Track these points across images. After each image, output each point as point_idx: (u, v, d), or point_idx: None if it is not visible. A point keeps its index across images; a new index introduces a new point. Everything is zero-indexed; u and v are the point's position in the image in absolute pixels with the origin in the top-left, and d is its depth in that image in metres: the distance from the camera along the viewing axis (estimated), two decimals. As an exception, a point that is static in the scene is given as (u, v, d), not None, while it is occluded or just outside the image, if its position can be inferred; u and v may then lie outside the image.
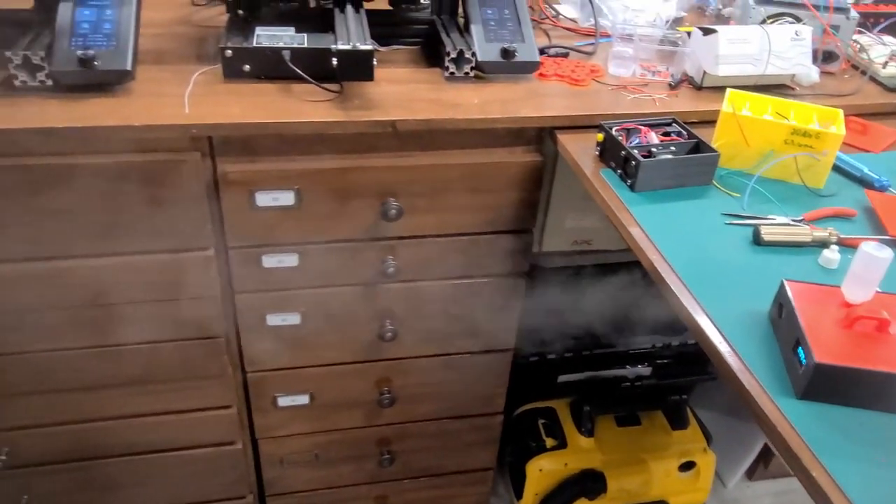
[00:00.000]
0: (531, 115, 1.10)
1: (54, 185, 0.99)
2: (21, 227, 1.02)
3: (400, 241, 1.17)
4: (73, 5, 1.05)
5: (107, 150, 0.99)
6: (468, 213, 1.17)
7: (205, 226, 1.08)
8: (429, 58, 1.25)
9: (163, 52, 1.18)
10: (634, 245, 0.88)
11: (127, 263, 1.08)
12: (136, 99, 1.02)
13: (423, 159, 1.11)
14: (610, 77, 1.25)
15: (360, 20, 1.14)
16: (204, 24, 1.33)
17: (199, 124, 0.98)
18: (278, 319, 1.20)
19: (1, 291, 1.06)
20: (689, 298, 0.79)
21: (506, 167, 1.14)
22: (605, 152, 1.04)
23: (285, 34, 1.14)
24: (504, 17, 1.23)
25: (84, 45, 1.01)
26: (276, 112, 1.03)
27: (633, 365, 1.64)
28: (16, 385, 1.17)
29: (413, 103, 1.09)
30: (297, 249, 1.14)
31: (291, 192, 1.08)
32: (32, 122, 0.95)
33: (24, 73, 1.00)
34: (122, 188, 1.01)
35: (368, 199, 1.11)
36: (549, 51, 1.31)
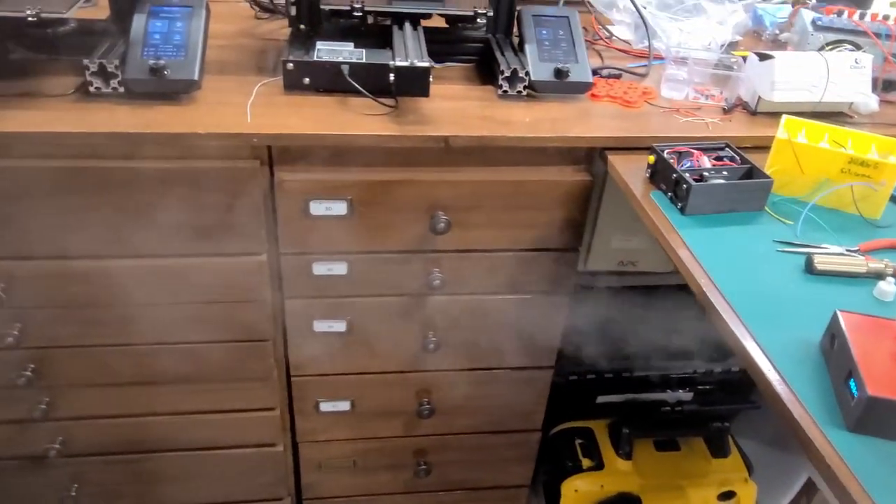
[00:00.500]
0: (582, 135, 1.11)
1: (122, 187, 1.04)
2: (89, 227, 1.07)
3: (447, 254, 1.19)
4: (146, 17, 1.10)
5: (172, 155, 1.03)
6: (515, 229, 1.18)
7: (259, 232, 1.11)
8: (482, 75, 1.27)
9: (227, 62, 1.23)
10: (683, 268, 0.88)
11: (185, 265, 1.12)
12: (201, 107, 1.07)
13: (474, 175, 1.13)
14: (662, 99, 1.25)
15: (417, 37, 1.17)
16: (266, 36, 1.37)
17: (260, 134, 1.02)
18: (325, 326, 1.23)
19: (68, 287, 1.11)
20: (737, 324, 0.78)
21: (555, 185, 1.15)
22: (655, 174, 1.04)
23: (344, 49, 1.17)
24: (558, 37, 1.24)
25: (155, 54, 1.06)
26: (334, 124, 1.06)
27: (674, 390, 1.62)
28: (75, 377, 1.22)
29: (466, 120, 1.11)
30: (347, 258, 1.17)
31: (344, 202, 1.10)
32: (104, 126, 1.00)
33: (99, 80, 1.05)
34: (185, 193, 1.05)
35: (418, 212, 1.14)
36: (602, 72, 1.32)
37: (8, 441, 1.28)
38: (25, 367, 1.18)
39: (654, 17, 1.47)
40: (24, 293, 1.11)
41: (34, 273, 1.09)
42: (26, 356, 1.18)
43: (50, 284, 1.11)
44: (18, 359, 1.18)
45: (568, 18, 1.26)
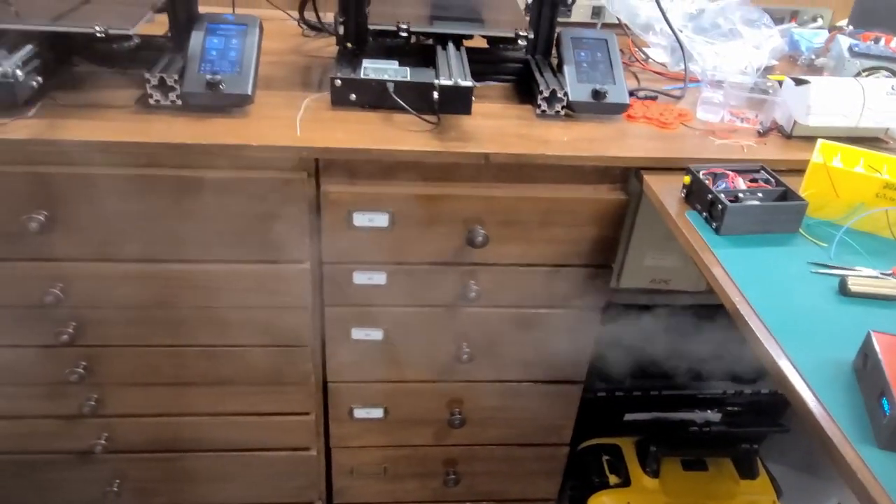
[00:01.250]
0: (618, 155, 1.13)
1: (175, 195, 1.09)
2: (143, 232, 1.12)
3: (483, 267, 1.22)
4: (203, 34, 1.16)
5: (224, 165, 1.08)
6: (551, 244, 1.21)
7: (304, 240, 1.15)
8: (521, 95, 1.31)
9: (276, 78, 1.28)
10: (717, 286, 0.90)
11: (231, 271, 1.17)
12: (253, 121, 1.12)
13: (512, 191, 1.16)
14: (698, 122, 1.27)
15: (460, 57, 1.21)
16: (312, 54, 1.43)
17: (308, 147, 1.07)
18: (362, 334, 1.27)
19: (121, 288, 1.17)
20: (771, 343, 0.80)
21: (590, 203, 1.18)
22: (690, 195, 1.06)
23: (390, 67, 1.22)
24: (596, 59, 1.28)
25: (212, 70, 1.12)
26: (378, 139, 1.10)
27: (703, 410, 1.63)
28: (123, 375, 1.27)
29: (505, 137, 1.14)
30: (387, 269, 1.20)
31: (386, 214, 1.14)
32: (163, 136, 1.05)
33: (159, 93, 1.11)
34: (235, 201, 1.10)
35: (457, 226, 1.17)
36: (639, 93, 1.34)
37: (57, 435, 1.34)
38: (78, 364, 1.24)
39: (690, 40, 1.50)
40: (80, 293, 1.16)
41: (91, 274, 1.15)
42: (79, 354, 1.23)
43: (105, 286, 1.16)
44: (72, 356, 1.23)
45: (606, 41, 1.30)
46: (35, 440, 1.35)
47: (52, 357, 1.23)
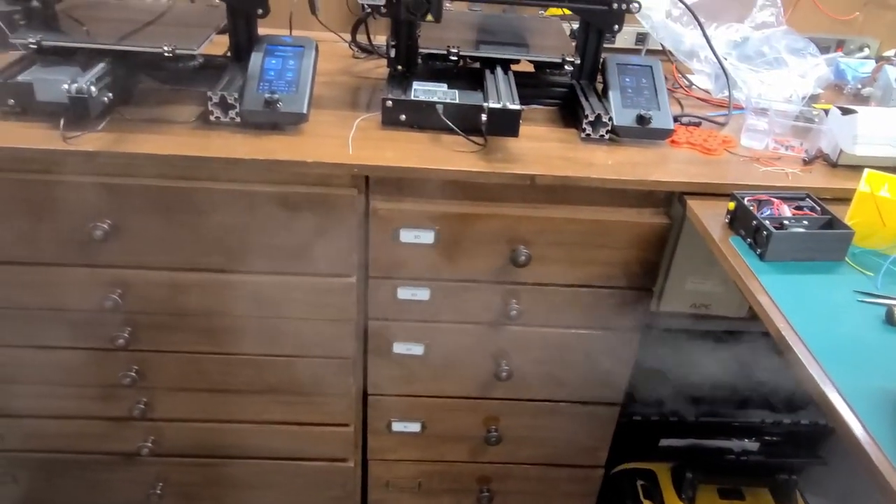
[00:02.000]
0: (662, 180, 1.15)
1: (232, 207, 1.14)
2: (199, 242, 1.17)
3: (525, 286, 1.24)
4: (262, 55, 1.21)
5: (279, 181, 1.12)
6: (593, 266, 1.23)
7: (351, 255, 1.19)
8: (566, 118, 1.33)
9: (329, 98, 1.32)
10: (762, 313, 0.91)
11: (281, 282, 1.21)
12: (308, 138, 1.16)
13: (556, 212, 1.18)
14: (742, 148, 1.28)
15: (508, 81, 1.24)
16: (363, 75, 1.48)
17: (359, 165, 1.10)
18: (404, 348, 1.29)
19: (176, 296, 1.21)
20: (817, 370, 0.80)
21: (633, 226, 1.19)
22: (735, 221, 1.07)
23: (439, 89, 1.25)
24: (641, 85, 1.30)
25: (270, 89, 1.16)
26: (427, 159, 1.13)
27: (740, 438, 1.61)
28: (172, 380, 1.31)
29: (550, 160, 1.17)
30: (430, 285, 1.23)
31: (432, 231, 1.17)
32: (222, 152, 1.10)
33: (219, 110, 1.16)
34: (288, 215, 1.14)
35: (500, 245, 1.19)
36: (683, 119, 1.36)
37: (106, 436, 1.38)
38: (130, 368, 1.28)
39: (734, 67, 1.51)
40: (136, 300, 1.21)
41: (147, 281, 1.20)
42: (132, 358, 1.28)
43: (160, 293, 1.21)
44: (125, 360, 1.28)
45: (651, 67, 1.32)
46: (85, 440, 1.40)
47: (107, 360, 1.28)
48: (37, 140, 1.08)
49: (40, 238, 1.15)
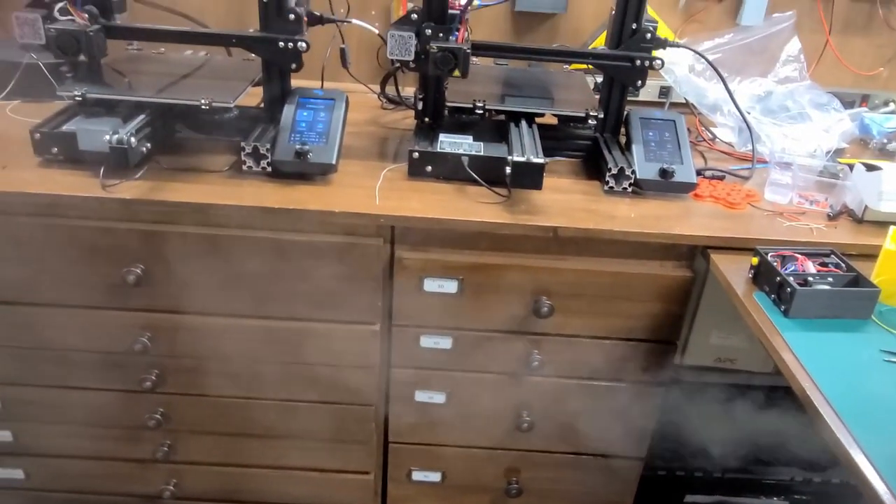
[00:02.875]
0: (685, 233, 1.16)
1: (261, 255, 1.16)
2: (228, 288, 1.19)
3: (547, 337, 1.24)
4: (294, 107, 1.25)
5: (308, 229, 1.15)
6: (615, 318, 1.23)
7: (376, 303, 1.21)
8: (589, 170, 1.35)
9: (357, 148, 1.36)
10: (786, 371, 0.90)
11: (306, 328, 1.23)
12: (336, 188, 1.19)
13: (578, 264, 1.19)
14: (766, 202, 1.28)
15: (532, 134, 1.26)
16: (390, 125, 1.52)
17: (386, 215, 1.13)
18: (425, 396, 1.30)
19: (203, 340, 1.24)
20: (843, 431, 0.79)
21: (656, 279, 1.20)
22: (758, 276, 1.07)
23: (465, 142, 1.28)
24: (664, 139, 1.31)
25: (301, 140, 1.20)
26: (452, 210, 1.15)
27: (769, 496, 1.57)
28: (196, 424, 1.33)
29: (573, 212, 1.18)
30: (453, 334, 1.24)
31: (455, 281, 1.19)
32: (253, 200, 1.13)
33: (251, 160, 1.20)
34: (315, 263, 1.17)
35: (523, 295, 1.20)
36: (706, 172, 1.37)
37: (129, 478, 1.40)
38: (156, 410, 1.30)
39: (757, 121, 1.52)
40: (164, 343, 1.24)
41: (176, 325, 1.23)
42: (158, 400, 1.30)
43: (188, 337, 1.24)
44: (151, 402, 1.30)
45: (674, 122, 1.34)
46: (109, 482, 1.41)
47: (134, 402, 1.30)
48: (77, 187, 1.12)
49: (75, 281, 1.18)
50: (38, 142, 1.17)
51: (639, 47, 1.30)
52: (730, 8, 1.68)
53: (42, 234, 1.14)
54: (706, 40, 1.61)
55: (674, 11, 1.68)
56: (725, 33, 1.61)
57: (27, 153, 1.19)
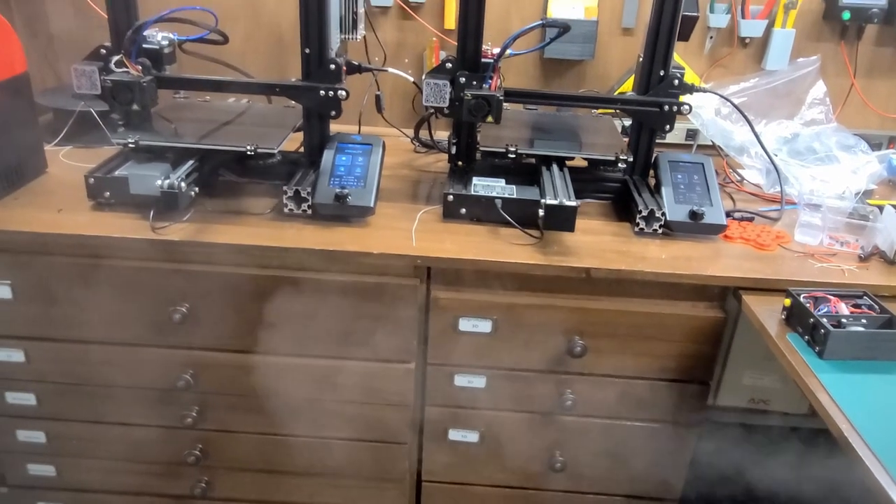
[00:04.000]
0: (717, 275, 1.17)
1: (301, 294, 1.20)
2: (269, 327, 1.23)
3: (580, 376, 1.26)
4: (334, 152, 1.30)
5: (346, 270, 1.19)
6: (648, 358, 1.24)
7: (412, 342, 1.23)
8: (619, 212, 1.38)
9: (392, 190, 1.40)
10: (823, 412, 0.91)
11: (343, 367, 1.26)
12: (373, 230, 1.23)
13: (610, 304, 1.21)
14: (796, 244, 1.30)
15: (564, 177, 1.30)
16: (423, 168, 1.56)
17: (423, 256, 1.16)
18: (459, 435, 1.31)
19: (243, 378, 1.27)
20: (882, 473, 0.80)
21: (688, 320, 1.21)
22: (791, 317, 1.08)
23: (497, 185, 1.32)
24: (693, 181, 1.34)
25: (340, 184, 1.25)
26: (486, 251, 1.18)
27: (805, 540, 1.55)
28: (233, 460, 1.35)
29: (605, 253, 1.20)
30: (486, 373, 1.26)
31: (489, 321, 1.21)
32: (294, 242, 1.17)
33: (293, 203, 1.24)
34: (352, 303, 1.20)
35: (556, 335, 1.22)
36: (735, 214, 1.39)
37: (166, 514, 1.42)
38: (195, 446, 1.33)
39: (785, 163, 1.54)
40: (206, 380, 1.27)
41: (218, 363, 1.26)
42: (198, 437, 1.33)
43: (229, 374, 1.27)
44: (191, 438, 1.33)
45: (703, 164, 1.36)
46: (147, 518, 1.44)
47: (174, 438, 1.33)
48: (128, 229, 1.17)
49: (124, 320, 1.23)
50: (92, 186, 1.23)
51: (667, 93, 1.33)
52: (754, 53, 1.71)
53: (93, 274, 1.19)
54: (732, 84, 1.65)
55: (699, 56, 1.72)
56: (751, 77, 1.65)
57: (80, 197, 1.25)
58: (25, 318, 1.24)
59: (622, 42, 1.71)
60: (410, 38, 1.71)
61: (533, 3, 1.68)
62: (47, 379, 1.29)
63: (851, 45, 1.70)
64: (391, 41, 1.70)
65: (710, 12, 1.65)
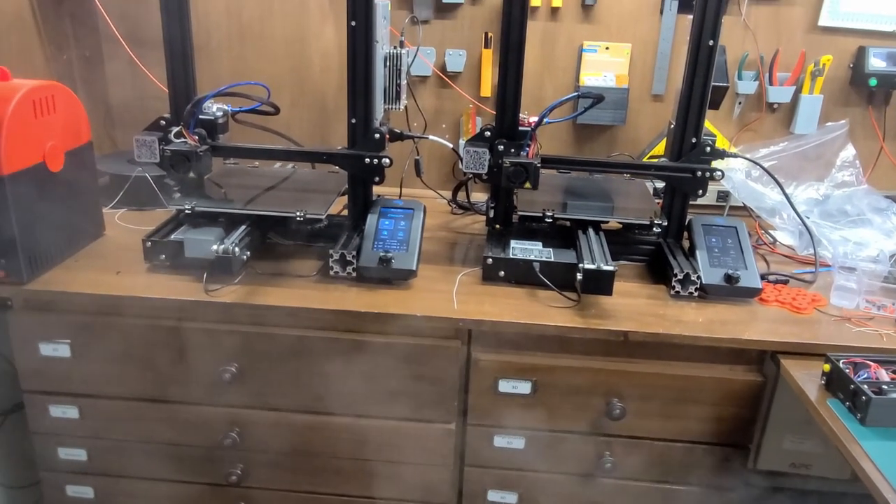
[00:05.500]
0: (754, 339, 1.19)
1: (344, 355, 1.24)
2: (314, 386, 1.27)
3: (619, 439, 1.27)
4: (377, 217, 1.36)
5: (390, 332, 1.23)
6: (687, 421, 1.25)
7: (453, 403, 1.26)
8: (654, 274, 1.40)
9: (433, 252, 1.45)
10: (867, 481, 0.91)
11: (385, 427, 1.28)
12: (416, 292, 1.27)
13: (648, 367, 1.23)
14: (832, 307, 1.31)
15: (600, 241, 1.33)
16: (460, 230, 1.61)
17: (464, 319, 1.20)
18: (497, 496, 1.32)
19: (287, 436, 1.30)
20: (931, 545, 0.80)
21: (726, 383, 1.22)
22: (831, 383, 1.09)
23: (535, 248, 1.36)
24: (727, 245, 1.37)
25: (384, 247, 1.30)
26: (525, 314, 1.21)
27: None
28: (274, 520, 1.37)
29: (642, 316, 1.23)
30: (525, 434, 1.28)
31: (529, 382, 1.24)
32: (339, 304, 1.22)
33: (338, 266, 1.29)
34: (395, 364, 1.23)
35: (595, 397, 1.24)
36: (769, 277, 1.41)
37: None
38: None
39: (817, 225, 1.57)
40: (252, 439, 1.31)
41: (264, 422, 1.29)
42: (241, 494, 1.36)
43: (273, 432, 1.30)
44: (234, 496, 1.36)
45: (736, 228, 1.39)
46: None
47: (218, 496, 1.36)
48: (183, 292, 1.23)
49: (176, 378, 1.27)
50: (149, 250, 1.30)
51: (699, 159, 1.38)
52: (783, 117, 1.76)
53: (148, 335, 1.25)
54: (761, 147, 1.69)
55: (728, 120, 1.76)
56: (780, 141, 1.69)
57: (137, 259, 1.31)
58: (82, 376, 1.29)
59: (652, 108, 1.76)
60: (448, 105, 1.79)
61: (565, 72, 1.75)
62: (99, 435, 1.34)
63: (879, 109, 1.73)
64: (430, 107, 1.78)
65: (738, 79, 1.70)
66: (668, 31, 1.70)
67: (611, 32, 1.71)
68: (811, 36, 1.69)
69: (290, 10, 1.74)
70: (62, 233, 1.32)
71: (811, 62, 1.68)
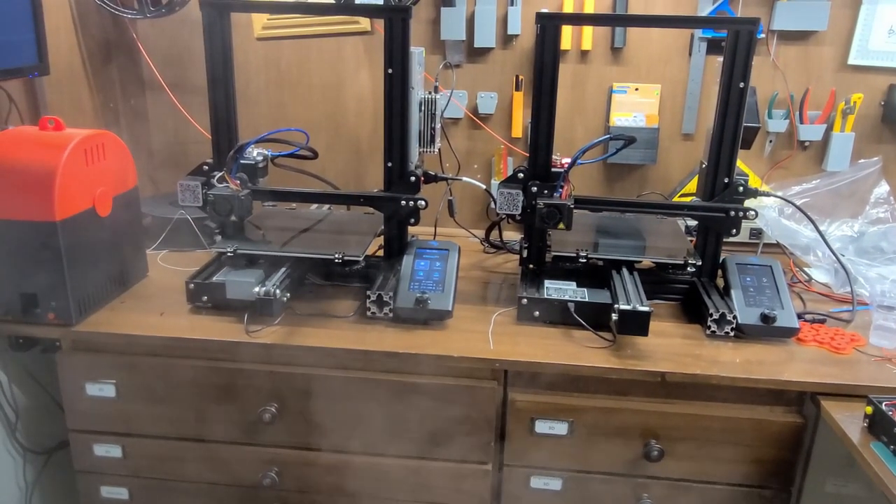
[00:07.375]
0: (794, 380, 1.17)
1: (383, 396, 1.25)
2: (352, 426, 1.28)
3: (657, 481, 1.26)
4: (412, 258, 1.38)
5: (427, 372, 1.24)
6: (725, 463, 1.23)
7: (489, 444, 1.26)
8: (688, 314, 1.40)
9: (467, 292, 1.46)
10: (917, 528, 0.90)
11: (422, 467, 1.29)
12: (452, 333, 1.29)
13: (686, 408, 1.22)
14: (872, 347, 1.29)
15: (634, 281, 1.34)
16: (493, 269, 1.63)
17: (500, 360, 1.21)
18: (535, 538, 1.31)
19: (326, 476, 1.31)
20: None
21: (766, 425, 1.21)
22: (874, 425, 1.07)
23: (569, 288, 1.37)
24: (762, 284, 1.37)
25: (420, 288, 1.32)
26: (561, 354, 1.22)
27: None
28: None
29: (679, 357, 1.23)
30: (562, 475, 1.27)
31: (566, 423, 1.24)
32: (377, 345, 1.24)
33: (375, 307, 1.31)
34: (432, 404, 1.25)
35: (632, 439, 1.23)
36: (806, 316, 1.40)
37: None
38: (276, 545, 1.36)
39: (853, 263, 1.55)
40: (290, 478, 1.32)
41: (302, 461, 1.31)
42: (279, 535, 1.37)
43: (311, 472, 1.31)
44: (272, 537, 1.37)
45: (771, 267, 1.39)
46: None
47: (255, 535, 1.37)
48: (224, 333, 1.26)
49: (216, 418, 1.30)
50: (192, 291, 1.33)
51: (732, 199, 1.38)
52: (815, 155, 1.76)
53: (190, 375, 1.28)
54: (794, 185, 1.69)
55: (759, 158, 1.77)
56: (812, 178, 1.69)
57: (180, 300, 1.35)
58: (126, 415, 1.32)
59: (683, 147, 1.78)
60: (480, 146, 1.82)
61: (596, 113, 1.77)
62: (141, 474, 1.36)
63: (912, 145, 1.73)
64: (462, 149, 1.81)
65: (769, 118, 1.71)
66: (696, 72, 1.73)
67: (640, 74, 1.74)
68: (841, 74, 1.70)
69: (326, 57, 1.80)
70: (109, 275, 1.36)
71: (841, 100, 1.69)
